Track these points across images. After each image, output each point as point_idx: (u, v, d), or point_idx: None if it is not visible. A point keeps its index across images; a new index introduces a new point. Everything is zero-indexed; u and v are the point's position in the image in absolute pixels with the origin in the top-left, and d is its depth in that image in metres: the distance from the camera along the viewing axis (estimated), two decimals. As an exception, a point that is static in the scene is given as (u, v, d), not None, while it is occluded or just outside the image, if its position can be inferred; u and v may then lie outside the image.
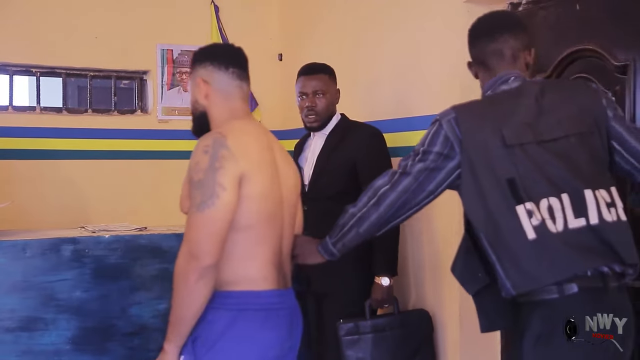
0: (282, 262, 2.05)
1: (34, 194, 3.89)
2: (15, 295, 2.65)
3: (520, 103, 1.94)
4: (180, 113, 4.37)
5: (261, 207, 1.95)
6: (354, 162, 2.89)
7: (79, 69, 4.25)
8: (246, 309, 1.94)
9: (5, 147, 3.58)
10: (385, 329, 2.85)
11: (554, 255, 1.80)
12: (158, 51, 4.32)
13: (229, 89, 2.08)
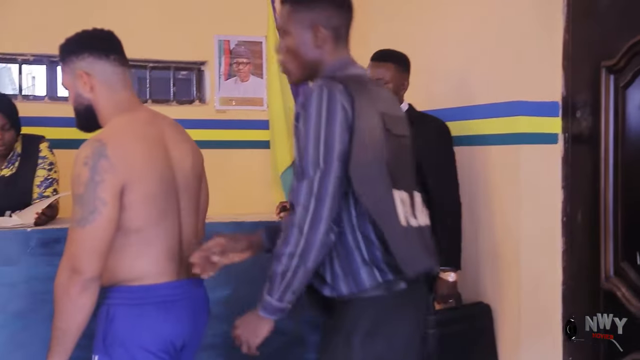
0: (182, 252, 2.02)
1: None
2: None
3: (377, 91, 1.93)
4: (237, 103, 4.42)
5: (149, 210, 1.92)
6: (418, 156, 2.83)
7: (139, 61, 4.32)
8: (146, 303, 1.94)
9: (67, 136, 3.64)
10: (449, 323, 2.80)
11: (415, 247, 1.85)
12: (215, 42, 4.37)
13: (113, 78, 1.98)
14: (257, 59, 4.46)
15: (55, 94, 4.18)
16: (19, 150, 3.00)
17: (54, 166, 3.05)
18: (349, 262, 1.83)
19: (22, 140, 3.01)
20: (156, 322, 1.94)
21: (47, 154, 3.05)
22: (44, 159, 3.03)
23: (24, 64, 4.14)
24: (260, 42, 4.45)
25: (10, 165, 2.98)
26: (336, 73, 1.87)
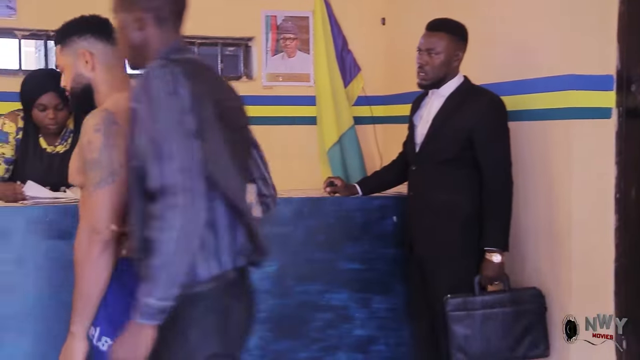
0: None
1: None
2: (131, 255, 2.76)
3: (215, 78, 1.92)
4: (285, 79, 4.42)
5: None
6: (470, 131, 2.73)
7: (187, 37, 4.33)
8: None
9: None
10: (495, 306, 2.73)
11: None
12: (263, 17, 4.36)
13: (111, 59, 2.07)
14: (303, 34, 4.44)
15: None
16: (72, 127, 3.04)
17: None
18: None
19: (74, 118, 3.06)
20: None
21: None
22: None
23: (75, 41, 4.20)
24: (307, 17, 4.43)
25: (63, 142, 3.03)
26: (170, 56, 1.83)
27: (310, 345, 3.00)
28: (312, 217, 3.02)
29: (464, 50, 2.85)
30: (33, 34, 4.11)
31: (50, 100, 2.91)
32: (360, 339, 3.06)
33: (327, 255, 3.03)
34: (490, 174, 2.72)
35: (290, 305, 2.97)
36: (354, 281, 3.06)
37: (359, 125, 4.45)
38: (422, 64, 2.81)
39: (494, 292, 2.82)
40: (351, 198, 3.10)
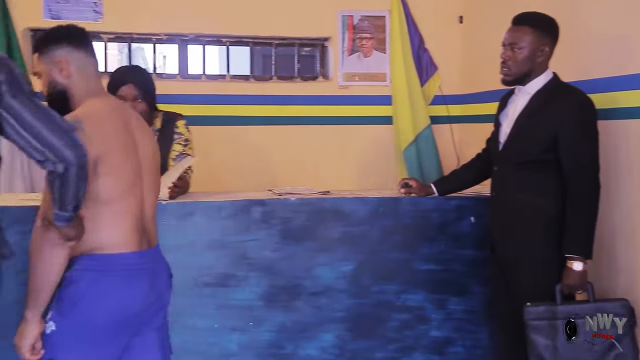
0: (145, 225, 2.19)
1: (223, 158, 4.11)
2: (212, 253, 2.82)
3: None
4: (361, 79, 4.43)
5: (118, 182, 2.09)
6: (554, 131, 2.62)
7: (265, 38, 4.41)
8: (108, 270, 2.08)
9: (198, 113, 3.79)
10: (578, 317, 2.58)
11: None
12: (339, 18, 4.39)
13: (86, 67, 2.18)
14: (380, 33, 4.44)
15: (186, 72, 4.34)
16: (158, 125, 3.14)
17: (190, 143, 3.17)
18: None
19: (162, 117, 3.16)
20: (113, 289, 2.08)
21: (183, 131, 3.17)
22: (179, 135, 3.16)
23: (158, 43, 4.32)
24: (383, 16, 4.42)
25: None
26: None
27: (386, 345, 3.00)
28: (388, 217, 3.02)
29: (551, 45, 2.72)
30: (118, 37, 4.25)
31: (128, 91, 3.02)
32: (437, 340, 3.05)
33: (403, 255, 3.03)
34: (574, 176, 2.61)
35: (367, 305, 2.97)
36: (430, 282, 3.04)
37: (435, 124, 4.43)
38: (505, 59, 2.73)
39: (577, 301, 2.68)
40: (428, 198, 3.08)
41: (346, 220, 2.97)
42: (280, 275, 2.90)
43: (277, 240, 2.90)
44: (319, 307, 2.92)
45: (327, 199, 3.00)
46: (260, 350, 2.89)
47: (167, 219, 2.77)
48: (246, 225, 2.87)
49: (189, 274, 2.79)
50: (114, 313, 2.09)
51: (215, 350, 2.84)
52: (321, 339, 2.94)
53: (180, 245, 2.79)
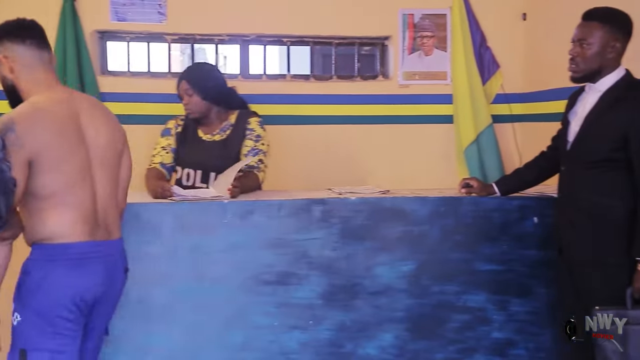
0: (99, 217, 2.27)
1: (284, 157, 4.13)
2: (272, 251, 2.85)
3: None
4: (421, 77, 4.40)
5: (61, 176, 2.18)
6: (625, 131, 2.53)
7: (325, 37, 4.42)
8: (57, 259, 2.18)
9: (259, 113, 3.82)
10: None
11: None
12: (400, 16, 4.36)
13: (30, 61, 2.25)
14: (441, 31, 4.40)
15: (247, 72, 4.39)
16: (233, 121, 3.27)
17: (262, 139, 3.23)
18: None
19: (238, 114, 3.29)
20: (65, 277, 2.19)
21: (255, 127, 3.24)
22: (251, 131, 3.24)
23: (220, 44, 4.37)
24: (444, 14, 4.38)
25: (221, 132, 3.27)
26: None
27: (447, 346, 2.97)
28: (448, 216, 2.99)
29: (622, 41, 2.63)
30: (181, 38, 4.32)
31: (182, 87, 3.26)
32: (499, 342, 3.00)
33: (464, 255, 3.00)
34: None
35: (427, 305, 2.95)
36: (491, 283, 3.00)
37: (497, 123, 4.36)
38: (574, 56, 2.65)
39: None
40: (489, 198, 3.04)
41: (406, 220, 2.96)
42: (340, 274, 2.90)
43: (336, 239, 2.90)
44: (378, 307, 2.92)
45: (387, 198, 3.00)
46: (320, 349, 2.90)
47: (228, 217, 2.81)
48: (306, 224, 2.89)
49: (249, 272, 2.83)
50: (69, 300, 2.19)
51: (275, 348, 2.86)
52: (381, 339, 2.93)
53: (240, 243, 2.82)
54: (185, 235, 2.80)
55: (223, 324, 2.83)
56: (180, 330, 2.80)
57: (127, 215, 2.69)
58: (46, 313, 2.17)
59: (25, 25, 2.31)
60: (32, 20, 2.34)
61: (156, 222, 2.79)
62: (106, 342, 2.69)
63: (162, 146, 3.28)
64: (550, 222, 2.94)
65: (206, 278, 2.81)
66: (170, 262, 2.78)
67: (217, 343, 2.83)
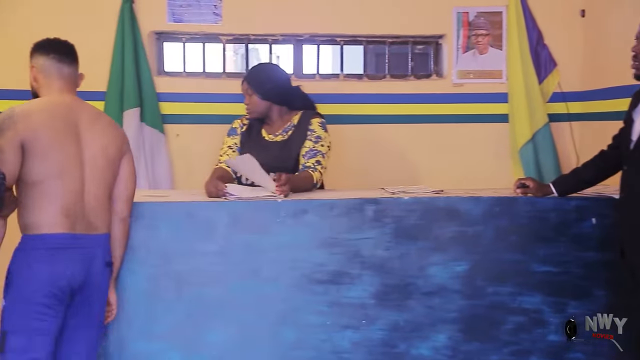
0: (82, 211, 2.48)
1: (337, 157, 4.13)
2: (324, 251, 2.85)
3: None
4: (475, 76, 4.35)
5: (46, 165, 2.42)
6: None
7: (379, 36, 4.41)
8: (38, 249, 2.41)
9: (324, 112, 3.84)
10: None
11: None
12: (454, 14, 4.33)
13: (49, 71, 2.57)
14: (496, 29, 4.34)
15: (300, 72, 4.41)
16: (295, 122, 3.28)
17: (322, 140, 3.22)
18: None
19: (301, 115, 3.31)
20: (44, 266, 2.41)
21: (317, 128, 3.24)
22: (312, 131, 3.24)
23: (273, 44, 4.41)
24: (500, 12, 4.33)
25: (284, 133, 3.29)
26: None
27: (501, 348, 2.93)
28: (503, 217, 2.95)
29: None
30: (236, 38, 4.37)
31: (243, 87, 3.32)
32: (555, 345, 2.95)
33: (519, 256, 2.95)
34: None
35: (481, 307, 2.92)
36: (547, 284, 2.95)
37: (554, 122, 4.29)
38: (637, 53, 2.61)
39: None
40: (545, 198, 2.98)
41: (460, 220, 2.93)
42: (393, 274, 2.89)
43: (389, 238, 2.89)
44: (431, 307, 2.89)
45: (441, 198, 2.97)
46: (373, 349, 2.89)
47: (281, 216, 2.82)
48: (359, 223, 2.88)
49: (302, 271, 2.84)
50: (46, 288, 2.40)
51: (327, 347, 2.87)
52: (434, 339, 2.91)
53: (293, 242, 2.83)
54: (239, 234, 2.82)
55: (276, 322, 2.85)
56: (233, 328, 2.82)
57: (181, 213, 2.75)
58: (25, 299, 2.40)
59: (54, 42, 2.64)
60: (65, 41, 2.66)
61: (210, 220, 2.82)
62: (159, 339, 2.74)
63: (229, 145, 3.31)
64: (609, 223, 2.87)
65: (259, 276, 2.83)
66: (224, 260, 2.81)
67: (269, 341, 2.85)
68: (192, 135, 4.16)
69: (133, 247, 2.73)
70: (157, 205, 2.87)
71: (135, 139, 4.02)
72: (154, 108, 4.14)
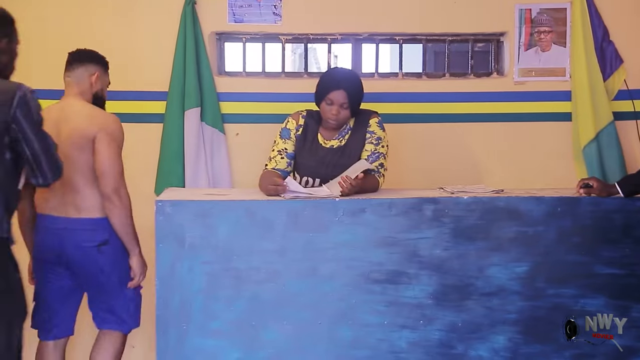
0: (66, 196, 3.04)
1: (397, 156, 4.12)
2: (382, 250, 2.85)
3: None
4: (538, 74, 4.27)
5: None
6: None
7: (438, 35, 4.37)
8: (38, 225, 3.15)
9: (387, 111, 3.83)
10: None
11: None
12: (516, 11, 4.25)
13: (67, 80, 3.17)
14: (560, 26, 4.25)
15: (359, 71, 4.40)
16: (352, 125, 3.23)
17: (382, 141, 3.20)
18: None
19: (356, 115, 3.22)
20: (38, 238, 3.10)
21: (376, 129, 3.21)
22: (372, 133, 3.20)
23: (333, 43, 4.41)
24: (564, 8, 4.23)
25: (340, 137, 3.23)
26: None
27: (562, 351, 2.88)
28: (565, 217, 2.90)
29: None
30: (295, 38, 4.39)
31: (338, 97, 3.13)
32: (618, 349, 2.88)
33: (582, 258, 2.90)
34: None
35: (542, 308, 2.88)
36: (612, 287, 2.89)
37: (619, 121, 4.17)
38: None
39: None
40: (610, 198, 2.92)
41: (521, 220, 2.89)
42: (452, 274, 2.87)
43: (448, 238, 2.87)
44: (491, 308, 2.86)
45: (501, 198, 2.93)
46: (430, 349, 2.88)
47: (340, 215, 2.83)
48: (417, 223, 2.87)
49: (359, 270, 2.84)
50: (42, 255, 3.09)
51: (384, 347, 2.86)
52: (493, 341, 2.88)
53: (351, 241, 2.84)
54: (297, 232, 2.84)
55: (333, 320, 2.86)
56: (291, 326, 2.85)
57: (240, 211, 2.78)
58: (35, 258, 3.14)
59: (72, 54, 3.19)
60: (84, 50, 3.24)
61: (269, 218, 2.84)
62: (218, 336, 2.78)
63: (279, 150, 3.23)
64: (676, 225, 2.80)
65: (317, 275, 2.84)
66: (283, 259, 2.84)
67: (326, 339, 2.86)
68: (252, 134, 4.19)
69: (194, 245, 2.78)
70: (217, 203, 2.91)
71: (196, 138, 4.07)
72: (214, 107, 4.18)
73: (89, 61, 3.17)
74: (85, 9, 4.12)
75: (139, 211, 3.15)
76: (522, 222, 2.89)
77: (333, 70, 3.36)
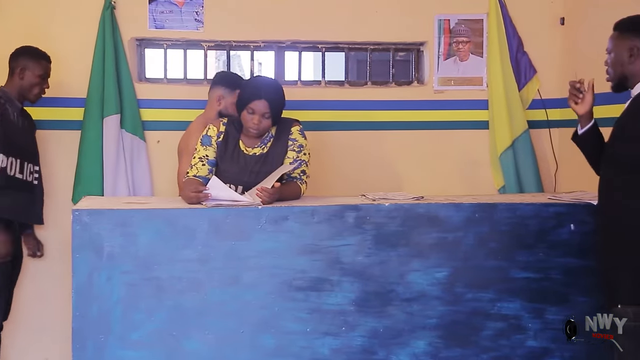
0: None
1: (318, 163, 4.14)
2: (305, 257, 2.85)
3: None
4: (456, 83, 4.38)
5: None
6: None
7: (360, 43, 4.42)
8: None
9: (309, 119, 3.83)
10: None
11: None
12: (435, 22, 4.35)
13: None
14: (477, 37, 4.37)
15: (282, 79, 4.40)
16: (273, 132, 3.21)
17: (304, 148, 3.19)
18: None
19: (277, 123, 3.20)
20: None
21: (298, 137, 3.20)
22: (294, 141, 3.18)
23: (256, 50, 4.41)
24: (481, 19, 4.36)
25: (262, 145, 3.20)
26: None
27: (481, 354, 2.94)
28: (483, 223, 2.96)
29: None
30: (217, 45, 4.36)
31: (259, 106, 3.08)
32: (534, 350, 2.97)
33: (499, 262, 2.97)
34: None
35: (461, 313, 2.93)
36: (527, 290, 2.97)
37: (533, 129, 4.32)
38: (609, 66, 2.71)
39: None
40: (524, 204, 3.01)
41: (440, 226, 2.94)
42: (373, 280, 2.89)
43: (370, 245, 2.90)
44: (411, 314, 2.90)
45: (421, 205, 2.98)
46: (352, 355, 2.89)
47: (262, 223, 2.82)
48: (340, 230, 2.88)
49: (282, 278, 2.83)
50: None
51: (307, 354, 2.86)
52: (414, 346, 2.91)
53: (274, 249, 2.83)
54: (219, 241, 2.81)
55: (256, 329, 2.84)
56: (213, 335, 2.81)
57: (161, 220, 2.74)
58: None
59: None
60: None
61: (191, 227, 2.80)
62: (138, 347, 2.73)
63: (200, 157, 3.17)
64: (588, 230, 2.90)
65: (240, 283, 2.82)
66: (204, 267, 2.80)
67: (249, 348, 2.84)
68: (173, 142, 4.12)
69: (112, 255, 2.72)
70: (137, 212, 2.85)
71: (115, 146, 4.00)
72: (134, 114, 4.12)
73: None
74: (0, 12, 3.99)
75: (55, 220, 3.06)
76: (441, 228, 2.94)
77: (255, 79, 3.34)
